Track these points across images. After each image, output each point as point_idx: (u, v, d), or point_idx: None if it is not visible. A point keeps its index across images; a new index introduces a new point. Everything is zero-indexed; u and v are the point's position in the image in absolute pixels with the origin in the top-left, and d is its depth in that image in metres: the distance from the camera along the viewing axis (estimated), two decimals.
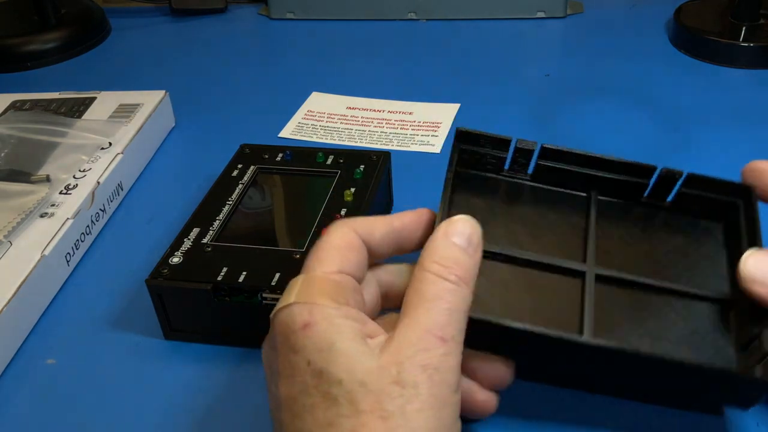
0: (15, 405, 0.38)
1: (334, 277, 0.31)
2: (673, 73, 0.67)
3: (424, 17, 0.79)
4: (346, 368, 0.28)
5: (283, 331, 0.30)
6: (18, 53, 0.74)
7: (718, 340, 0.32)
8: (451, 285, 0.30)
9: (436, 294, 0.29)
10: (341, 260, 0.32)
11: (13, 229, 0.45)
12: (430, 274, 0.30)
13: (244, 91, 0.68)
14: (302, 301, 0.30)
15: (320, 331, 0.29)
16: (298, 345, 0.29)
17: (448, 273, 0.30)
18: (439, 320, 0.29)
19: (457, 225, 0.32)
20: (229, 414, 0.37)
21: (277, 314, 0.30)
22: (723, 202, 0.36)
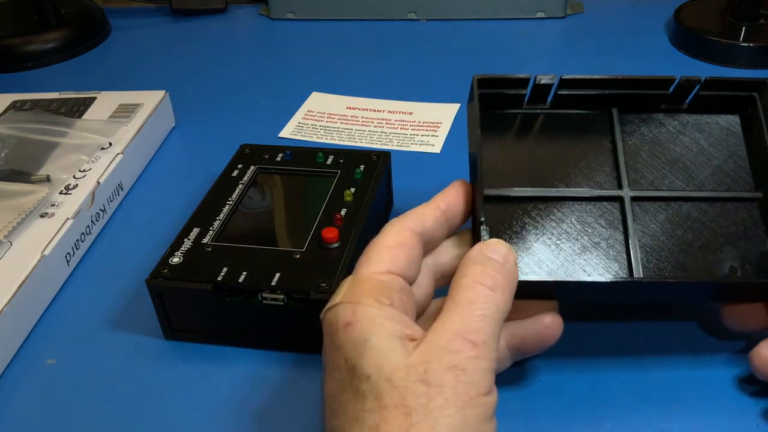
0: (15, 405, 0.38)
1: (381, 277, 0.32)
2: (673, 73, 0.66)
3: (424, 17, 0.79)
4: (375, 364, 0.28)
5: (328, 330, 0.31)
6: (18, 53, 0.74)
7: (757, 239, 0.35)
8: (487, 291, 0.30)
9: (470, 299, 0.30)
10: (390, 260, 0.32)
11: (13, 229, 0.45)
12: (467, 280, 0.31)
13: (244, 91, 0.68)
14: (347, 301, 0.30)
15: (359, 328, 0.29)
16: (339, 343, 0.29)
17: (485, 278, 0.30)
18: (472, 324, 0.29)
19: (492, 244, 0.32)
20: (229, 414, 0.37)
21: (325, 314, 0.31)
22: (739, 97, 0.38)
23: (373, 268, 0.32)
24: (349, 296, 0.31)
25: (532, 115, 0.39)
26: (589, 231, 0.36)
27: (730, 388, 0.36)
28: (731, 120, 0.39)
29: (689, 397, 0.36)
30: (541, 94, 0.39)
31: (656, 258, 0.35)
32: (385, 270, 0.32)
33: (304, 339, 0.39)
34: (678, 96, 0.39)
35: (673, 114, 0.39)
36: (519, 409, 0.36)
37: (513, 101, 0.39)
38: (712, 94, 0.38)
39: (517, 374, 0.37)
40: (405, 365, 0.28)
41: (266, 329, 0.39)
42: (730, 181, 0.37)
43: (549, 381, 0.37)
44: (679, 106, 0.39)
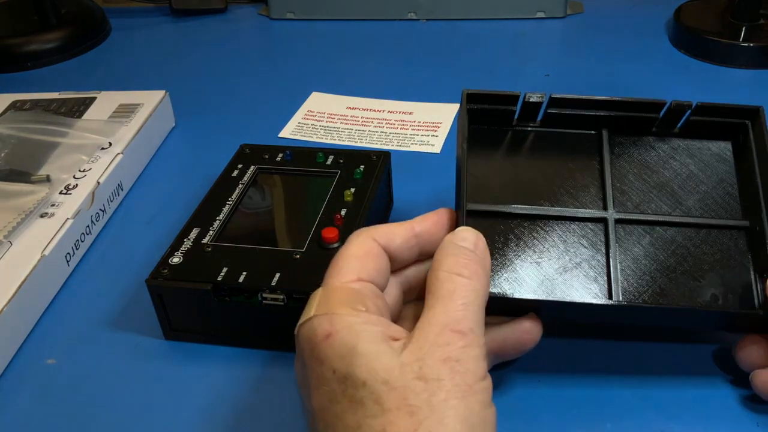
0: (15, 405, 0.38)
1: (352, 285, 0.31)
2: (673, 73, 0.67)
3: (424, 17, 0.79)
4: (367, 369, 0.28)
5: (307, 344, 0.30)
6: (18, 53, 0.74)
7: (741, 269, 0.34)
8: (465, 279, 0.30)
9: (450, 290, 0.30)
10: (359, 268, 0.32)
11: (13, 229, 0.45)
12: (443, 273, 0.31)
13: (244, 91, 0.68)
14: (322, 312, 0.30)
15: (341, 338, 0.29)
16: (322, 355, 0.29)
17: (461, 269, 0.31)
18: (456, 315, 0.29)
19: (460, 232, 0.33)
20: (229, 414, 0.37)
21: (300, 329, 0.31)
22: (732, 124, 0.38)
23: (343, 277, 0.32)
24: (323, 308, 0.30)
25: (522, 132, 0.39)
26: (572, 251, 0.35)
27: (731, 388, 0.36)
28: (723, 146, 0.38)
29: (689, 398, 0.36)
30: (531, 112, 0.38)
31: (637, 281, 0.35)
32: (355, 278, 0.32)
33: None
34: (669, 120, 0.38)
35: (664, 138, 0.39)
36: (519, 409, 0.36)
37: (503, 117, 0.38)
38: (703, 119, 0.38)
39: (517, 374, 0.37)
40: (399, 365, 0.28)
41: (266, 329, 0.39)
42: (718, 208, 0.36)
43: (549, 381, 0.37)
44: (671, 130, 0.39)
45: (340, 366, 0.28)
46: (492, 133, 0.38)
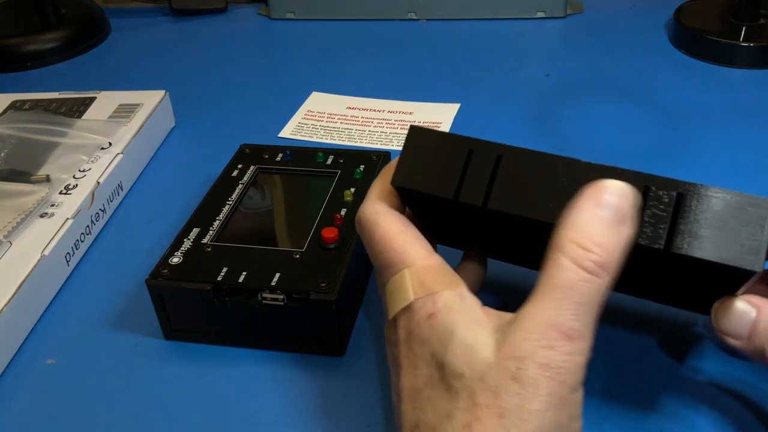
0: (15, 405, 0.38)
1: (432, 262, 0.31)
2: (673, 73, 0.67)
3: (424, 17, 0.79)
4: (466, 361, 0.27)
5: (406, 325, 0.30)
6: (18, 53, 0.74)
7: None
8: (587, 275, 0.27)
9: (568, 284, 0.27)
10: (421, 242, 0.31)
11: (13, 229, 0.45)
12: (565, 259, 0.27)
13: (244, 91, 0.68)
14: (422, 295, 0.29)
15: (442, 319, 0.29)
16: (424, 336, 0.29)
17: (586, 258, 0.27)
18: (567, 315, 0.26)
19: (605, 191, 0.28)
20: (229, 414, 0.37)
21: (400, 316, 0.30)
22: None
23: (416, 256, 0.31)
24: (421, 290, 0.30)
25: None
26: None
27: (730, 388, 0.36)
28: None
29: (689, 398, 0.36)
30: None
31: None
32: (427, 253, 0.31)
33: (304, 339, 0.39)
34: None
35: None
36: None
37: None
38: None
39: None
40: (496, 361, 0.27)
41: (266, 329, 0.39)
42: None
43: None
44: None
45: (439, 351, 0.28)
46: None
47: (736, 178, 0.52)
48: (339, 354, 0.39)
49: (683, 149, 0.55)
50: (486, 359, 0.27)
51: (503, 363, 0.27)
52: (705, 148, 0.55)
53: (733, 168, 0.53)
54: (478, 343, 0.28)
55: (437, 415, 0.28)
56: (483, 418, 0.26)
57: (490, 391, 0.26)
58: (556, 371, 0.26)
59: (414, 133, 0.33)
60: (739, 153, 0.54)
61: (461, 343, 0.28)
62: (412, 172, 0.32)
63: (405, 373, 0.30)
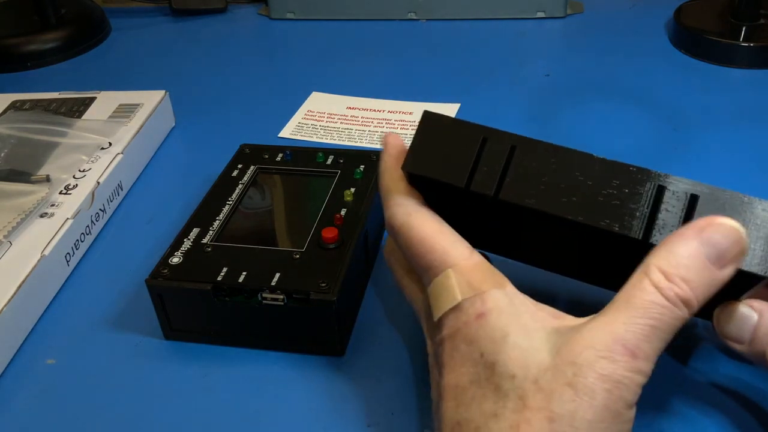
0: (15, 405, 0.38)
1: (475, 260, 0.30)
2: (673, 73, 0.67)
3: (424, 17, 0.79)
4: (520, 364, 0.27)
5: (453, 325, 0.29)
6: (18, 53, 0.74)
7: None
8: (667, 303, 0.26)
9: (644, 305, 0.26)
10: (460, 241, 0.31)
11: (13, 229, 0.45)
12: (648, 283, 0.26)
13: (244, 91, 0.68)
14: (470, 295, 0.29)
15: (494, 319, 0.28)
16: (472, 335, 0.28)
17: (670, 289, 0.26)
18: (637, 334, 0.26)
19: (715, 229, 0.27)
20: (229, 414, 0.37)
21: (446, 316, 0.30)
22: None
23: (460, 255, 0.30)
24: (468, 290, 0.29)
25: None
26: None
27: (730, 387, 0.36)
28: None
29: (690, 397, 0.36)
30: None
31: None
32: (469, 252, 0.30)
33: (304, 339, 0.39)
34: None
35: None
36: None
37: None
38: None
39: None
40: (553, 366, 0.26)
41: (266, 329, 0.39)
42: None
43: None
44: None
45: (490, 351, 0.28)
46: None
47: (736, 178, 0.52)
48: (339, 354, 0.39)
49: (683, 149, 0.55)
50: (542, 363, 0.27)
51: (560, 368, 0.26)
52: (705, 148, 0.55)
53: (733, 168, 0.53)
54: (534, 346, 0.27)
55: (482, 414, 0.27)
56: (533, 420, 0.26)
57: (543, 394, 0.26)
58: (615, 385, 0.26)
59: (428, 118, 0.32)
60: (739, 153, 0.54)
61: (516, 345, 0.27)
62: (424, 158, 0.32)
63: (449, 371, 0.29)
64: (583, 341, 0.26)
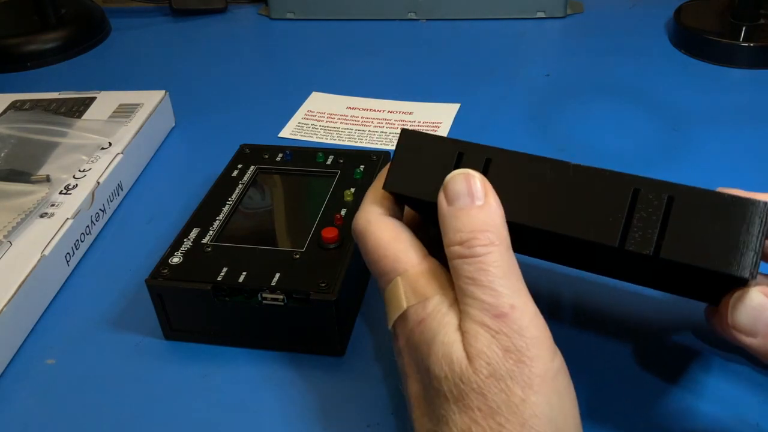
0: (15, 405, 0.38)
1: (423, 267, 0.30)
2: (673, 73, 0.67)
3: (424, 17, 0.79)
4: (446, 361, 0.27)
5: (403, 333, 0.30)
6: (18, 53, 0.74)
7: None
8: (478, 259, 0.28)
9: (469, 279, 0.28)
10: (414, 247, 0.31)
11: (13, 229, 0.45)
12: (455, 261, 0.28)
13: (244, 91, 0.68)
14: (414, 302, 0.30)
15: (428, 324, 0.29)
16: (415, 342, 0.29)
17: (469, 249, 0.28)
18: (488, 300, 0.27)
19: (450, 185, 0.29)
20: (229, 414, 0.37)
21: (397, 325, 0.31)
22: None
23: (410, 262, 0.31)
24: (414, 296, 0.30)
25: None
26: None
27: (730, 388, 0.36)
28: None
29: (690, 397, 0.36)
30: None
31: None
32: (420, 258, 0.31)
33: (304, 339, 0.39)
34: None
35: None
36: None
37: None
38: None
39: None
40: (469, 363, 0.27)
41: (266, 329, 0.39)
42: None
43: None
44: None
45: (425, 354, 0.28)
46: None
47: (736, 178, 0.52)
48: (339, 354, 0.39)
49: (683, 149, 0.55)
50: (461, 360, 0.27)
51: (475, 363, 0.27)
52: (705, 148, 0.55)
53: (733, 168, 0.53)
54: (454, 344, 0.28)
55: (438, 421, 0.28)
56: (479, 420, 0.26)
57: (475, 393, 0.27)
58: (516, 353, 0.26)
59: (405, 136, 0.32)
60: (739, 153, 0.54)
61: (441, 342, 0.28)
62: (403, 177, 0.32)
63: (409, 381, 0.30)
64: (474, 333, 0.27)
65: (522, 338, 0.27)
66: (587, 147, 0.56)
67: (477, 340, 0.27)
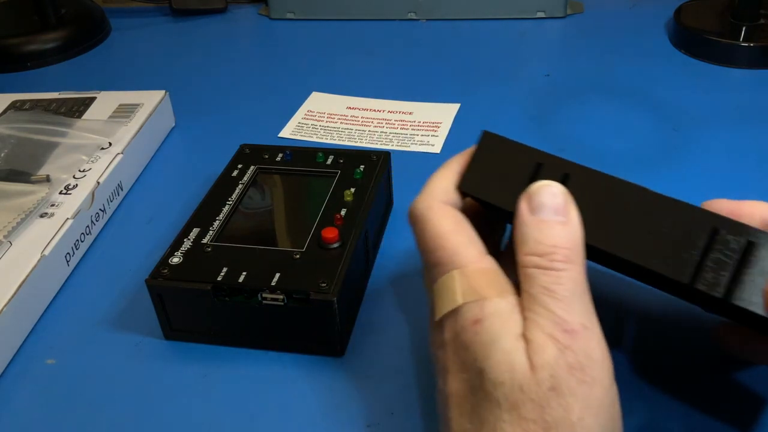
0: (15, 405, 0.38)
1: (483, 265, 0.30)
2: (673, 73, 0.67)
3: (424, 17, 0.79)
4: (506, 368, 0.27)
5: (452, 328, 0.29)
6: (18, 53, 0.74)
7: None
8: (556, 273, 0.28)
9: (544, 289, 0.28)
10: (474, 242, 0.30)
11: (13, 229, 0.45)
12: (531, 270, 0.28)
13: (244, 91, 0.68)
14: (471, 299, 0.29)
15: (488, 326, 0.28)
16: (468, 341, 0.28)
17: (549, 262, 0.28)
18: (561, 314, 0.27)
19: (537, 195, 0.29)
20: (229, 414, 0.37)
21: (446, 318, 0.30)
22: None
23: (469, 257, 0.30)
24: (471, 294, 0.29)
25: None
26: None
27: (730, 387, 0.36)
28: None
29: (689, 397, 0.36)
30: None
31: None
32: (479, 255, 0.30)
33: (304, 339, 0.39)
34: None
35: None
36: None
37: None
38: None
39: None
40: (532, 373, 0.26)
41: (266, 329, 0.39)
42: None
43: None
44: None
45: (480, 356, 0.28)
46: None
47: (736, 178, 0.52)
48: (339, 354, 0.39)
49: (683, 149, 0.55)
50: (524, 367, 0.27)
51: (538, 374, 0.26)
52: (705, 148, 0.55)
53: (733, 168, 0.53)
54: (518, 351, 0.27)
55: (482, 425, 0.27)
56: (531, 431, 0.26)
57: (533, 404, 0.26)
58: (580, 372, 0.26)
59: (485, 138, 0.32)
60: (739, 153, 0.54)
61: (503, 349, 0.27)
62: (479, 180, 0.32)
63: (451, 378, 0.29)
64: (541, 344, 0.27)
65: (588, 359, 0.27)
66: (587, 147, 0.56)
67: (544, 352, 0.27)
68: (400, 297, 0.43)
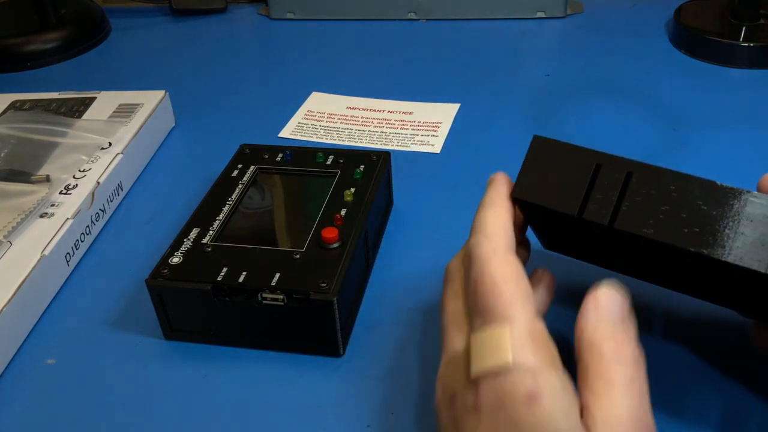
0: (15, 405, 0.38)
1: (538, 327, 0.27)
2: (673, 73, 0.67)
3: (424, 17, 0.79)
4: None
5: (494, 394, 0.26)
6: (18, 53, 0.74)
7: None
8: (632, 371, 0.27)
9: (626, 379, 0.26)
10: (528, 298, 0.28)
11: (13, 229, 0.45)
12: (613, 366, 0.27)
13: (244, 91, 0.68)
14: (522, 362, 0.26)
15: (546, 408, 0.25)
16: (518, 418, 0.25)
17: (626, 358, 0.27)
18: (641, 408, 0.26)
19: (607, 300, 0.28)
20: (229, 414, 0.37)
21: (486, 379, 0.27)
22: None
23: (524, 312, 0.27)
24: (522, 356, 0.26)
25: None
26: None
27: (730, 386, 0.36)
28: None
29: (690, 397, 0.36)
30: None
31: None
32: (534, 314, 0.28)
33: (304, 339, 0.39)
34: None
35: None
36: None
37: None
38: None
39: None
40: None
41: (266, 329, 0.39)
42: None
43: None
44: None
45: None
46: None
47: (736, 178, 0.51)
48: (339, 354, 0.39)
49: (683, 149, 0.55)
50: None
51: None
52: (705, 148, 0.55)
53: (733, 168, 0.53)
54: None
55: None
56: None
57: None
58: None
59: (537, 142, 0.31)
60: (739, 153, 0.54)
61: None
62: (534, 185, 0.31)
63: None
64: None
65: None
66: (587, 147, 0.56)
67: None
68: (400, 297, 0.43)
